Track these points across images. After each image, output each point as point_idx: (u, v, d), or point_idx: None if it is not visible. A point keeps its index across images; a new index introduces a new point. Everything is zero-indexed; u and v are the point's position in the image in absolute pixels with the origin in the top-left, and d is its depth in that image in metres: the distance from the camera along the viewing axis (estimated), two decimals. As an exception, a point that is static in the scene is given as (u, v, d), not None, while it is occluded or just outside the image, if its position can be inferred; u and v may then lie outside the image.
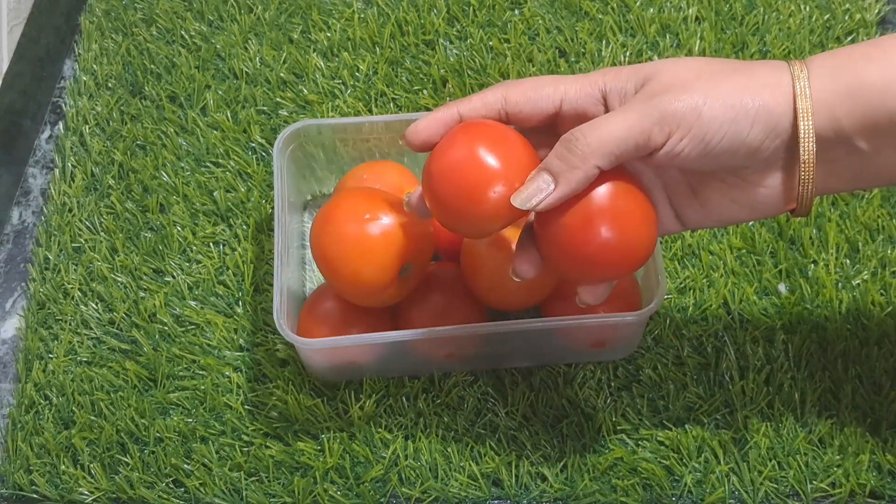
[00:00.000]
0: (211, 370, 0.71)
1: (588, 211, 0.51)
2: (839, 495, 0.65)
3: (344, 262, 0.63)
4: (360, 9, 0.90)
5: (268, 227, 0.78)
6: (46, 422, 0.70)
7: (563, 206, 0.51)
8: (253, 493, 0.66)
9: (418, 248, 0.64)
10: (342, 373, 0.70)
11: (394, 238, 0.62)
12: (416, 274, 0.65)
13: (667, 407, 0.69)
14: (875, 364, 0.69)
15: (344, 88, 0.85)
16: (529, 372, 0.70)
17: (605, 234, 0.51)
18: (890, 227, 0.76)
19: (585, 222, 0.51)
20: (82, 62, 0.89)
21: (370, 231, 0.62)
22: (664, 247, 0.75)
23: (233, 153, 0.81)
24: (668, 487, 0.66)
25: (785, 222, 0.76)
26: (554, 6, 0.90)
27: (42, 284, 0.76)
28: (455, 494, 0.66)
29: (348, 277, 0.63)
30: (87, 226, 0.79)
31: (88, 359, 0.73)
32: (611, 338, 0.68)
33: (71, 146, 0.83)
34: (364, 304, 0.67)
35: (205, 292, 0.75)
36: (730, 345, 0.71)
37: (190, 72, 0.86)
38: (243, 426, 0.69)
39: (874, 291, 0.72)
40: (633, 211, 0.51)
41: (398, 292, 0.65)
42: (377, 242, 0.62)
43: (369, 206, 0.63)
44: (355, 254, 0.62)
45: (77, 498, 0.67)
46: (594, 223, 0.51)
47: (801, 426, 0.68)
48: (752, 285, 0.73)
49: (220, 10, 0.91)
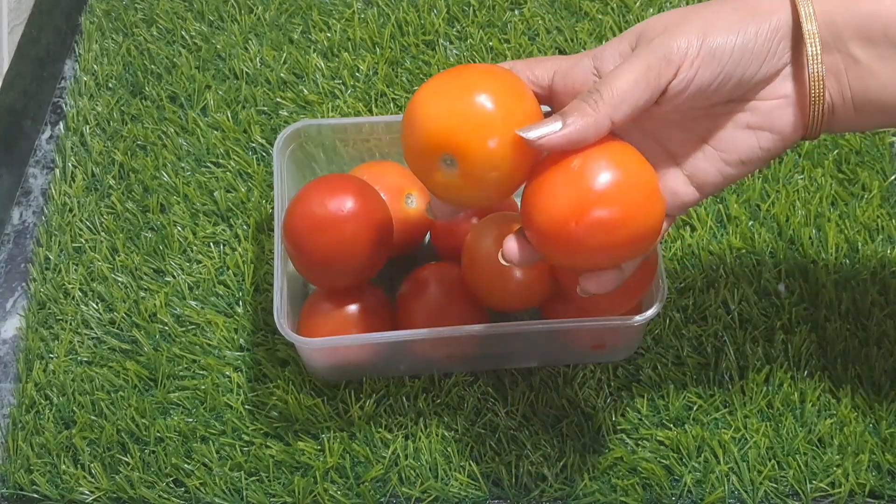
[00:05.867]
0: (211, 370, 0.71)
1: (580, 185, 0.48)
2: (839, 495, 0.65)
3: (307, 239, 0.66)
4: (361, 9, 0.90)
5: (268, 227, 0.78)
6: (47, 421, 0.70)
7: (552, 178, 0.49)
8: (253, 492, 0.67)
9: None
10: (342, 373, 0.70)
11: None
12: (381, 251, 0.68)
13: (667, 407, 0.69)
14: (874, 364, 0.69)
15: (344, 89, 0.85)
16: (529, 372, 0.71)
17: (599, 213, 0.47)
18: (889, 227, 0.76)
19: (578, 199, 0.48)
20: (83, 62, 0.89)
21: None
22: (664, 247, 0.75)
23: (233, 153, 0.82)
24: (668, 487, 0.66)
25: (784, 222, 0.76)
26: (554, 6, 0.90)
27: (43, 284, 0.76)
28: (455, 494, 0.67)
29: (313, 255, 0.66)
30: (87, 226, 0.79)
31: (89, 359, 0.73)
32: (611, 340, 0.68)
33: (71, 146, 0.84)
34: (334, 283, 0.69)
35: (205, 292, 0.75)
36: (729, 345, 0.71)
37: (190, 72, 0.87)
38: (244, 426, 0.69)
39: (873, 291, 0.72)
40: (632, 185, 0.48)
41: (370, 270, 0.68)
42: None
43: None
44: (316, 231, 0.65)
45: (77, 498, 0.67)
46: (587, 200, 0.48)
47: (800, 426, 0.68)
48: (752, 285, 0.73)
49: (220, 10, 0.91)
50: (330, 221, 0.65)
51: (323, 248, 0.65)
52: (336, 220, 0.64)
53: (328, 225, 0.65)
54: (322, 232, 0.65)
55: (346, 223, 0.65)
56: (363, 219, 0.65)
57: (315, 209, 0.65)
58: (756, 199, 0.77)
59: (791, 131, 0.52)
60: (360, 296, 0.69)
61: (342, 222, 0.64)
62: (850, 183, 0.78)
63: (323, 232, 0.65)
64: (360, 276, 0.68)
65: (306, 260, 0.66)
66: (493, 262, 0.65)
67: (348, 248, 0.65)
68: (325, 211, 0.65)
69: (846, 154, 0.79)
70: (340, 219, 0.64)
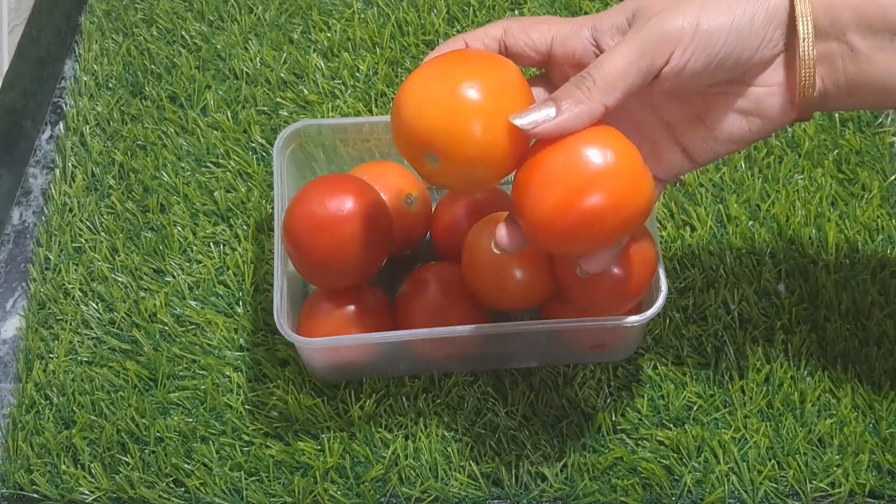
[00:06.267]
0: (211, 370, 0.71)
1: (566, 179, 0.49)
2: (838, 495, 0.65)
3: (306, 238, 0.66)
4: (361, 9, 0.90)
5: (268, 227, 0.78)
6: (47, 421, 0.70)
7: (539, 170, 0.50)
8: (253, 492, 0.67)
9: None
10: (342, 373, 0.70)
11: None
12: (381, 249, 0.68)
13: (667, 407, 0.69)
14: (874, 364, 0.69)
15: (344, 89, 0.85)
16: (529, 372, 0.71)
17: (588, 205, 0.49)
18: (889, 227, 0.76)
19: (566, 193, 0.49)
20: (83, 62, 0.89)
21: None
22: (664, 247, 0.75)
23: (233, 153, 0.82)
24: (668, 487, 0.66)
25: (784, 222, 0.76)
26: (553, 6, 0.90)
27: (43, 284, 0.76)
28: (455, 494, 0.67)
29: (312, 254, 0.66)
30: (87, 226, 0.79)
31: (89, 358, 0.73)
32: (610, 340, 0.68)
33: (71, 146, 0.84)
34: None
35: (205, 292, 0.75)
36: (729, 345, 0.71)
37: (190, 72, 0.87)
38: (244, 426, 0.69)
39: (873, 291, 0.72)
40: (619, 173, 0.49)
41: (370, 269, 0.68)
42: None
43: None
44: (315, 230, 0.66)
45: (77, 497, 0.68)
46: (575, 192, 0.49)
47: (800, 426, 0.68)
48: (752, 285, 0.73)
49: (220, 10, 0.91)
50: (330, 221, 0.65)
51: (323, 248, 0.65)
52: (336, 219, 0.64)
53: (328, 225, 0.65)
54: (322, 232, 0.65)
55: (346, 223, 0.65)
56: (363, 219, 0.65)
57: (315, 209, 0.65)
58: (756, 199, 0.77)
59: (781, 117, 0.53)
60: (360, 296, 0.69)
61: (342, 222, 0.65)
62: (850, 183, 0.78)
63: (323, 232, 0.65)
64: (360, 276, 0.68)
65: (306, 260, 0.66)
66: (494, 262, 0.66)
67: (348, 247, 0.65)
68: (325, 211, 0.65)
69: (846, 154, 0.79)
70: (340, 218, 0.65)
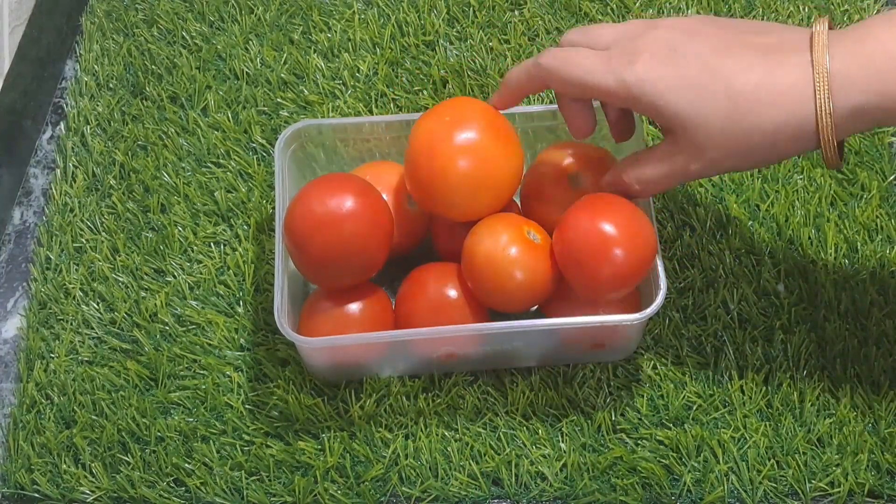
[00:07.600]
0: (212, 370, 0.72)
1: (603, 238, 0.62)
2: (838, 494, 0.66)
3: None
4: (361, 10, 0.90)
5: (268, 227, 0.78)
6: (48, 421, 0.70)
7: (579, 230, 0.63)
8: (254, 492, 0.67)
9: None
10: (342, 372, 0.70)
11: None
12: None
13: (666, 407, 0.69)
14: (874, 364, 0.70)
15: (344, 89, 0.85)
16: (529, 371, 0.71)
17: (616, 259, 0.61)
18: (888, 227, 0.76)
19: (600, 248, 0.62)
20: (83, 63, 0.89)
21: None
22: (664, 247, 0.75)
23: (234, 153, 0.82)
24: (668, 487, 0.66)
25: (784, 222, 0.76)
26: (554, 7, 0.90)
27: (43, 284, 0.76)
28: (455, 494, 0.67)
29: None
30: (88, 226, 0.79)
31: (90, 358, 0.73)
32: (610, 339, 0.69)
33: (72, 146, 0.84)
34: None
35: (206, 292, 0.75)
36: (729, 344, 0.71)
37: (191, 72, 0.87)
38: (244, 425, 0.69)
39: (873, 291, 0.73)
40: (638, 235, 0.62)
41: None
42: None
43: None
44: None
45: (78, 497, 0.68)
46: (608, 249, 0.61)
47: (799, 425, 0.68)
48: (751, 285, 0.73)
49: (220, 10, 0.91)
50: (330, 220, 0.65)
51: (323, 248, 0.65)
52: (336, 219, 0.65)
53: (329, 224, 0.65)
54: (322, 231, 0.65)
55: (346, 222, 0.65)
56: (364, 218, 0.65)
57: (316, 208, 0.65)
58: (755, 199, 0.77)
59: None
60: (360, 295, 0.69)
61: (343, 221, 0.65)
62: (850, 183, 0.78)
63: (323, 231, 0.65)
64: (360, 276, 0.68)
65: (307, 259, 0.66)
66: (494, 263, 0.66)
67: (349, 247, 0.65)
68: (325, 210, 0.65)
69: (846, 154, 0.79)
70: (341, 218, 0.65)
